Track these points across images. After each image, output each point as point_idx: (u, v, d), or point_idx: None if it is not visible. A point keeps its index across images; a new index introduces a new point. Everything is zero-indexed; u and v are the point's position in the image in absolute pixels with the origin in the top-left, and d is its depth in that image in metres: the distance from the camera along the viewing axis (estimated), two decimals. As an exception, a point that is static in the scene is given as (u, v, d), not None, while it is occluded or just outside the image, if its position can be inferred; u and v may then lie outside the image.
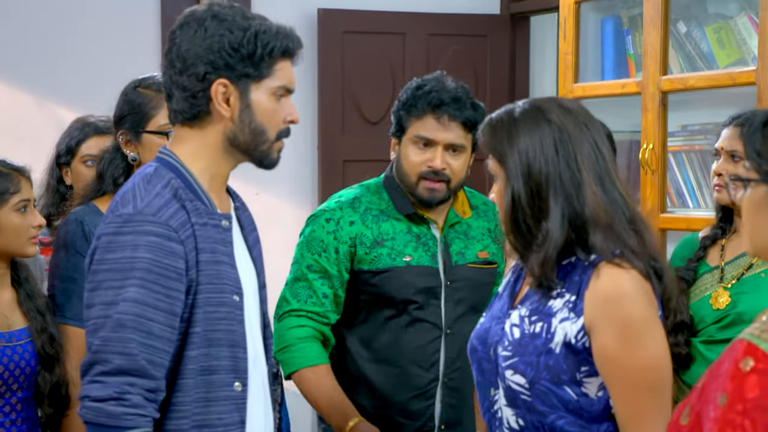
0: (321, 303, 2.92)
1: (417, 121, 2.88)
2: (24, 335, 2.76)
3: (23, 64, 5.21)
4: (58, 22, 5.26)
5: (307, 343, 2.90)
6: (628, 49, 4.10)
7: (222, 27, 2.14)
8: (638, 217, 2.09)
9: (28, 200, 2.77)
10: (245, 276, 2.25)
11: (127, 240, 2.07)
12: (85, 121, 3.44)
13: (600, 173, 2.06)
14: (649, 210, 3.75)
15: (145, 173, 2.18)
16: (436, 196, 2.89)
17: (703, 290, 2.83)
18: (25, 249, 2.76)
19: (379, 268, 2.91)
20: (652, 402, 1.99)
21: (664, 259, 2.14)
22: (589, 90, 4.12)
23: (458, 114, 2.85)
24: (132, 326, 2.04)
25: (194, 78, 2.15)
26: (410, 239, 2.93)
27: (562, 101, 2.14)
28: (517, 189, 2.06)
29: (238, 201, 2.36)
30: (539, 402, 2.04)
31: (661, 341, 2.02)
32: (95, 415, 2.03)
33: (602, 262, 2.02)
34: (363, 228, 2.93)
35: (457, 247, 2.97)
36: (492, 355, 2.14)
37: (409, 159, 2.90)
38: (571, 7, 4.17)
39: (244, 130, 2.18)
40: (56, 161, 3.42)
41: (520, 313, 2.12)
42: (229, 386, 2.16)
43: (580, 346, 2.02)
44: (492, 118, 2.14)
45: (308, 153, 5.55)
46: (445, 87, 2.88)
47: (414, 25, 5.61)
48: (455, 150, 2.88)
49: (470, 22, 5.70)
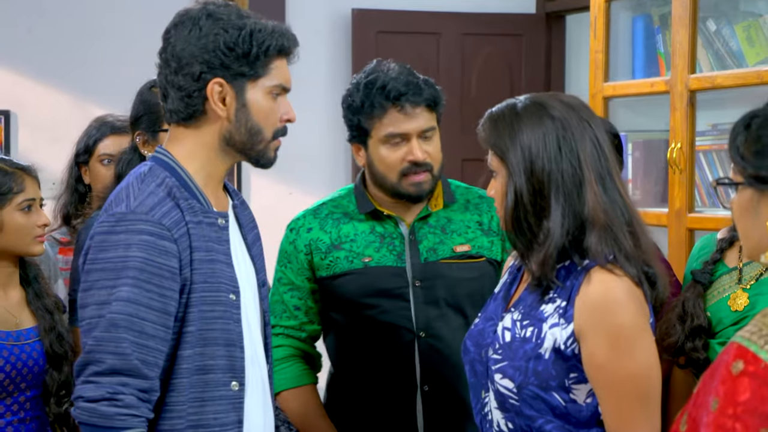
0: (294, 316, 2.82)
1: (381, 120, 2.68)
2: (32, 334, 2.78)
3: (60, 66, 5.28)
4: (95, 24, 5.31)
5: (286, 364, 2.80)
6: (659, 47, 4.06)
7: (217, 26, 2.13)
8: (636, 220, 2.05)
9: (33, 199, 2.78)
10: (243, 274, 2.24)
11: (119, 239, 2.06)
12: (102, 121, 3.47)
13: (601, 172, 2.03)
14: (677, 209, 3.71)
15: (139, 172, 2.17)
16: (424, 188, 2.71)
17: (721, 292, 2.77)
18: (30, 248, 2.77)
19: (336, 273, 2.76)
20: (640, 410, 1.96)
21: (659, 264, 2.08)
22: (618, 89, 4.09)
23: (419, 98, 2.67)
24: (125, 326, 2.03)
25: (189, 77, 2.14)
26: (373, 239, 2.77)
27: (563, 97, 2.10)
28: (519, 186, 2.02)
29: (237, 199, 2.34)
30: (527, 407, 2.01)
31: (650, 350, 1.98)
32: (88, 415, 2.03)
33: (594, 268, 1.98)
34: (320, 233, 2.79)
35: (429, 243, 2.77)
36: (483, 357, 2.11)
37: (385, 160, 2.70)
38: (602, 5, 4.14)
39: (240, 129, 2.17)
40: (75, 160, 3.45)
41: (513, 317, 2.09)
42: (225, 386, 2.15)
43: (569, 353, 1.98)
44: (493, 112, 2.10)
45: (341, 153, 5.55)
46: (393, 76, 2.68)
47: (448, 24, 5.60)
48: (428, 135, 2.71)
49: (505, 22, 5.68)
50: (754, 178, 1.62)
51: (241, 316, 2.20)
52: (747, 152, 1.63)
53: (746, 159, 1.64)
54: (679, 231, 3.72)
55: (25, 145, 5.26)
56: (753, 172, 1.62)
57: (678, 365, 2.83)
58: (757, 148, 1.62)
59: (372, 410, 2.76)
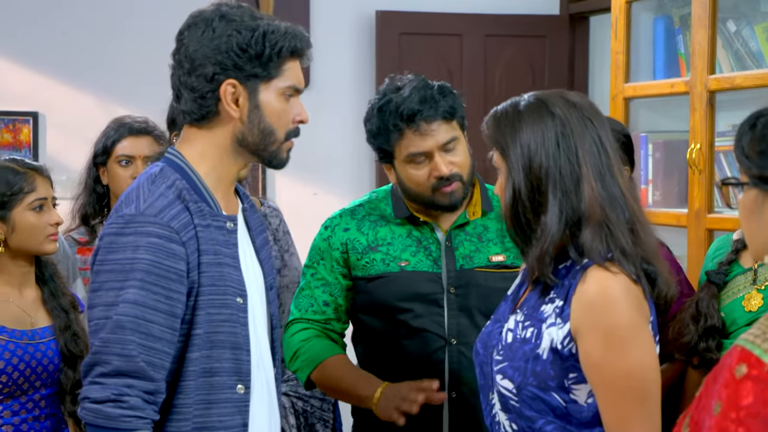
0: (322, 311, 2.81)
1: (400, 142, 2.68)
2: (48, 333, 2.81)
3: (87, 67, 5.33)
4: (121, 26, 5.36)
5: (313, 342, 2.78)
6: (679, 48, 4.05)
7: (230, 27, 2.14)
8: (638, 218, 2.03)
9: (45, 199, 2.81)
10: (251, 278, 2.24)
11: (128, 241, 2.07)
12: (120, 122, 3.50)
13: (601, 169, 2.02)
14: (696, 210, 3.71)
15: (150, 173, 2.18)
16: (456, 197, 2.70)
17: (736, 292, 2.77)
18: (42, 247, 2.80)
19: (371, 275, 2.75)
20: (637, 410, 1.95)
21: (661, 262, 2.07)
22: (639, 90, 4.09)
23: (434, 113, 2.65)
24: (131, 328, 2.04)
25: (203, 79, 2.15)
26: (410, 243, 2.76)
27: (568, 95, 2.10)
28: (518, 182, 2.02)
29: (247, 202, 2.34)
30: (527, 407, 2.01)
31: (647, 349, 1.97)
32: (94, 416, 2.04)
33: (591, 266, 1.97)
34: (357, 234, 2.79)
35: (465, 250, 2.76)
36: (489, 359, 2.11)
37: (414, 179, 2.70)
38: (623, 6, 4.14)
39: (253, 130, 2.18)
40: (93, 161, 3.49)
41: (516, 318, 2.09)
42: (231, 389, 2.15)
43: (566, 352, 1.97)
44: (497, 110, 2.12)
45: (365, 153, 5.56)
46: (405, 95, 2.66)
47: (471, 26, 5.60)
48: (449, 147, 2.69)
49: (528, 23, 5.68)
50: (759, 178, 1.60)
51: (248, 319, 2.20)
52: (752, 152, 1.61)
53: (751, 159, 1.62)
54: (698, 231, 3.72)
55: (53, 146, 5.31)
56: (758, 173, 1.60)
57: (691, 365, 2.83)
58: (761, 148, 1.60)
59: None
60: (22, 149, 5.26)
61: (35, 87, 5.31)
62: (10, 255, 2.79)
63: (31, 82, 5.31)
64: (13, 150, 5.24)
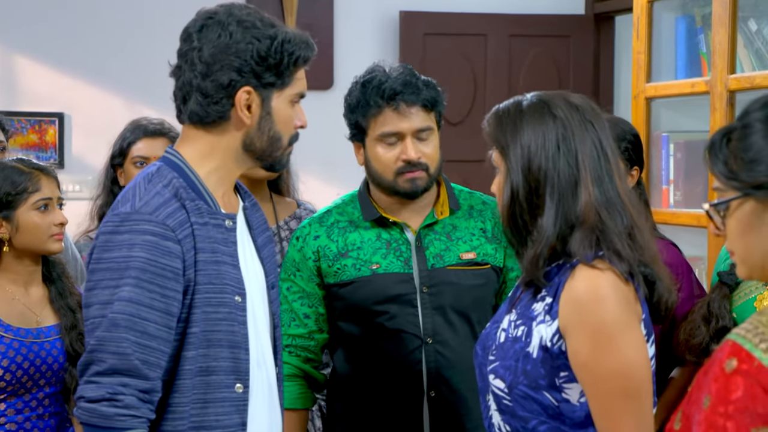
0: (303, 324, 2.81)
1: (376, 119, 2.70)
2: (53, 332, 2.82)
3: (112, 68, 5.37)
4: (147, 26, 5.40)
5: (288, 383, 2.77)
6: (701, 48, 4.02)
7: (248, 34, 2.14)
8: (636, 223, 2.02)
9: (50, 199, 2.83)
10: (252, 276, 2.24)
11: (123, 239, 2.07)
12: (136, 124, 3.54)
13: (600, 173, 2.01)
14: (716, 211, 3.68)
15: (147, 172, 2.18)
16: (419, 184, 2.71)
17: (748, 293, 2.75)
18: (46, 246, 2.82)
19: (344, 280, 2.75)
20: (626, 409, 1.93)
21: (660, 267, 2.04)
22: (660, 89, 4.06)
23: (415, 98, 2.68)
24: (125, 326, 2.04)
25: (218, 84, 2.14)
26: (380, 246, 2.76)
27: (571, 97, 2.09)
28: (516, 183, 2.02)
29: (249, 201, 2.34)
30: (519, 407, 2.00)
31: (637, 346, 1.94)
32: (89, 415, 2.05)
33: (580, 264, 1.96)
34: (327, 241, 2.79)
35: (436, 249, 2.76)
36: (486, 360, 2.10)
37: (380, 159, 2.72)
38: (644, 6, 4.12)
39: (262, 137, 2.19)
40: (110, 162, 3.53)
41: (510, 318, 2.08)
42: (229, 387, 2.15)
43: (556, 350, 1.96)
44: (499, 108, 2.10)
45: (389, 154, 5.58)
46: (391, 75, 2.71)
47: (496, 26, 5.59)
48: (424, 135, 2.71)
49: (553, 23, 5.66)
50: (754, 187, 1.56)
51: (246, 318, 2.19)
52: (738, 164, 1.57)
53: (739, 171, 1.57)
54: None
55: (79, 147, 5.36)
56: (751, 182, 1.56)
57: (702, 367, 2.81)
58: (749, 157, 1.56)
59: (379, 416, 2.76)
60: (48, 150, 5.31)
61: (61, 88, 5.36)
62: (15, 254, 2.82)
63: (57, 84, 5.36)
64: (39, 151, 5.29)
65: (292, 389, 2.81)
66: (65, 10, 5.36)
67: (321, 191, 5.52)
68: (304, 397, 2.85)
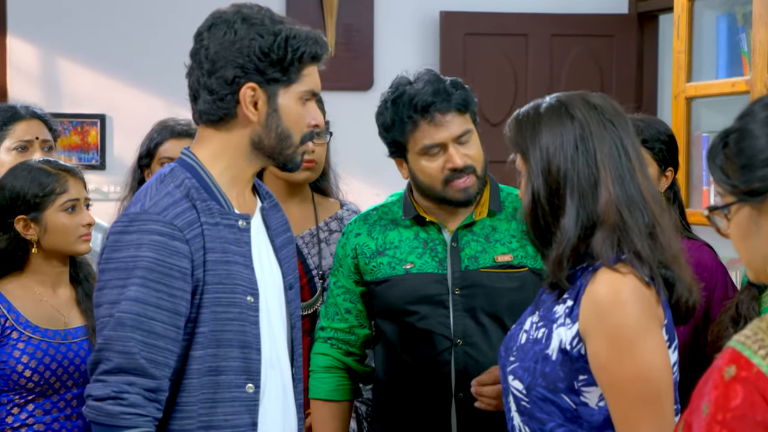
0: (344, 319, 2.84)
1: (413, 135, 2.66)
2: (80, 333, 2.83)
3: (153, 70, 5.40)
4: (190, 28, 5.42)
5: (326, 374, 2.84)
6: (742, 46, 3.96)
7: (252, 31, 2.14)
8: (659, 221, 2.00)
9: (77, 200, 2.83)
10: (267, 277, 2.23)
11: (132, 239, 2.09)
12: (164, 125, 3.55)
13: (621, 173, 2.00)
14: (756, 212, 3.62)
15: (161, 173, 2.20)
16: (471, 192, 2.68)
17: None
18: (75, 247, 2.83)
19: (378, 278, 2.76)
20: (645, 413, 1.91)
21: (682, 267, 2.02)
22: (701, 89, 4.01)
23: (447, 105, 2.64)
24: (132, 325, 2.05)
25: (222, 81, 2.15)
26: (417, 245, 2.76)
27: (590, 97, 2.08)
28: (537, 186, 2.01)
29: (268, 202, 2.34)
30: (537, 409, 1.99)
31: (657, 351, 1.93)
32: (95, 414, 2.06)
33: (602, 267, 1.95)
34: (366, 239, 2.80)
35: (471, 251, 2.73)
36: (508, 361, 2.10)
37: (426, 171, 2.68)
38: (685, 5, 4.07)
39: (270, 134, 2.18)
40: (138, 163, 3.54)
41: (533, 319, 2.08)
42: (239, 387, 2.15)
43: (575, 353, 1.95)
44: (519, 112, 2.10)
45: (429, 155, 5.56)
46: (417, 86, 2.67)
47: (537, 26, 5.55)
48: (463, 139, 2.67)
49: (596, 22, 5.61)
50: (748, 193, 1.54)
51: (259, 318, 2.19)
52: (733, 170, 1.55)
53: (734, 177, 1.55)
54: (757, 234, 3.63)
55: (120, 148, 5.39)
56: (745, 188, 1.54)
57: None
58: (742, 162, 1.55)
59: (408, 416, 2.76)
60: (90, 151, 5.36)
61: (102, 90, 5.40)
62: (44, 255, 2.83)
63: (99, 85, 5.40)
64: (80, 152, 5.34)
65: (330, 380, 2.84)
66: (107, 12, 5.40)
67: (363, 192, 5.51)
68: (343, 389, 2.86)
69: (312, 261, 3.13)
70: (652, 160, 2.95)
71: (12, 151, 3.28)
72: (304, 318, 2.99)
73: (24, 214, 2.79)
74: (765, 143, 1.54)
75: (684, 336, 2.82)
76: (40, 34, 5.40)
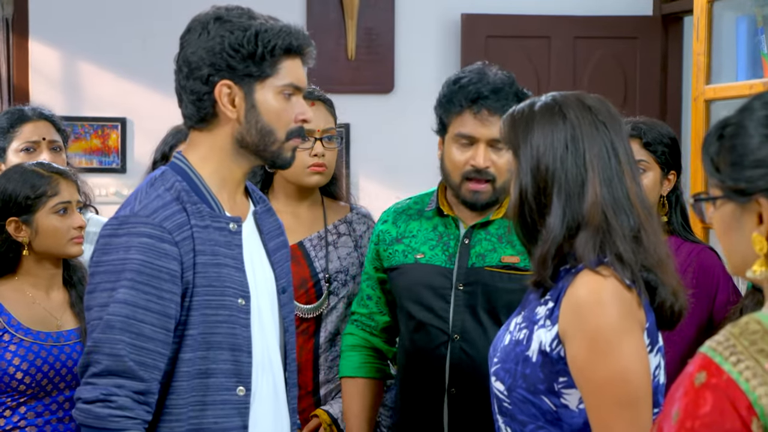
0: (365, 305, 2.89)
1: (456, 119, 2.67)
2: (73, 336, 2.83)
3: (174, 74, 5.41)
4: (211, 33, 5.44)
5: (352, 353, 2.88)
6: (762, 48, 3.91)
7: (223, 28, 2.14)
8: (645, 225, 1.98)
9: (69, 202, 2.84)
10: (260, 280, 2.23)
11: (121, 242, 2.09)
12: (178, 128, 3.54)
13: (609, 175, 1.98)
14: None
15: (151, 177, 2.20)
16: (480, 198, 2.68)
17: (784, 300, 2.66)
18: (66, 250, 2.83)
19: (392, 265, 2.79)
20: (621, 417, 1.89)
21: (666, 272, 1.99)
22: (719, 91, 3.95)
23: (498, 107, 2.62)
24: (120, 327, 2.05)
25: (199, 81, 2.16)
26: (432, 237, 2.77)
27: (585, 98, 2.07)
28: (525, 183, 2.01)
29: (262, 206, 2.33)
30: (518, 411, 1.98)
31: (635, 354, 1.91)
32: (84, 416, 2.07)
33: (583, 270, 1.94)
34: (390, 226, 2.83)
35: (481, 249, 2.73)
36: (491, 362, 2.10)
37: (452, 159, 2.69)
38: (704, 7, 4.01)
39: (251, 130, 2.18)
40: (152, 167, 3.54)
41: (517, 320, 2.07)
42: (229, 390, 2.14)
43: (555, 355, 1.94)
44: (515, 110, 2.10)
45: (449, 159, 5.53)
46: (483, 78, 2.66)
47: (559, 28, 5.51)
48: (499, 145, 2.63)
49: (619, 24, 5.56)
50: (734, 191, 1.51)
51: (250, 320, 2.18)
52: (722, 164, 1.53)
53: (723, 172, 1.52)
54: (774, 238, 3.57)
55: (141, 151, 5.41)
56: (732, 185, 1.51)
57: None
58: (733, 159, 1.51)
59: (401, 408, 2.79)
60: (111, 154, 5.38)
61: (123, 93, 5.42)
62: (36, 258, 2.84)
63: (120, 89, 5.42)
64: (101, 155, 5.36)
65: (355, 358, 2.89)
66: (128, 17, 5.42)
67: (381, 195, 5.50)
68: (369, 366, 2.89)
69: (319, 264, 3.12)
70: (655, 163, 2.92)
71: (20, 152, 3.29)
72: (309, 321, 3.00)
73: (16, 216, 2.79)
74: (758, 143, 1.51)
75: (688, 339, 2.80)
76: (62, 39, 5.44)
